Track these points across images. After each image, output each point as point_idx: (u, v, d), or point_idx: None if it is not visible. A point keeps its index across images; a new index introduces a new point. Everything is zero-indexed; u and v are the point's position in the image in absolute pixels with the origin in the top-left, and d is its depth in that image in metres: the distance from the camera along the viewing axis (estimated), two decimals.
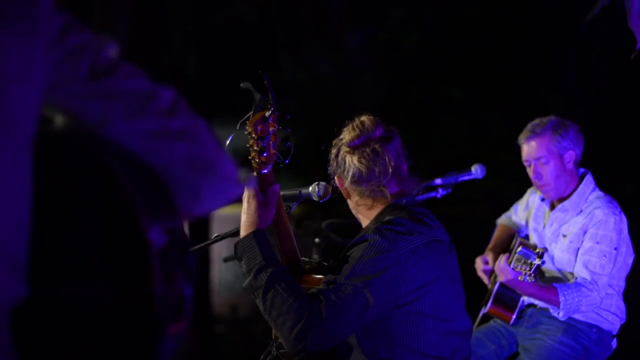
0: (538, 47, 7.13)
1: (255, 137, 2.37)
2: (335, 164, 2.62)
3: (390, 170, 2.53)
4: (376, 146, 2.54)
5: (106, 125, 1.40)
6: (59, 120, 1.42)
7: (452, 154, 6.62)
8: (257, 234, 2.45)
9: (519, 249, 3.31)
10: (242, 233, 2.48)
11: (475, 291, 3.83)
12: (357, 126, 2.58)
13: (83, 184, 1.39)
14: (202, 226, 6.31)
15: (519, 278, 3.28)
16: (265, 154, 2.39)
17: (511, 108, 6.89)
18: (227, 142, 2.38)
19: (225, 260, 3.55)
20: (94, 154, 1.39)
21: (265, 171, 2.45)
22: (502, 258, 3.43)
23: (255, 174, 2.46)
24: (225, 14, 7.66)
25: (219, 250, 6.72)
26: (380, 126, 2.58)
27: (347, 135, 2.57)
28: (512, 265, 3.34)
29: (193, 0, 7.01)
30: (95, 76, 1.38)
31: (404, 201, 2.58)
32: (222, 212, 2.63)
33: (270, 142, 2.39)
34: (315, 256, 3.85)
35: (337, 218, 3.95)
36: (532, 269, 3.28)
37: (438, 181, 3.67)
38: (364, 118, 2.59)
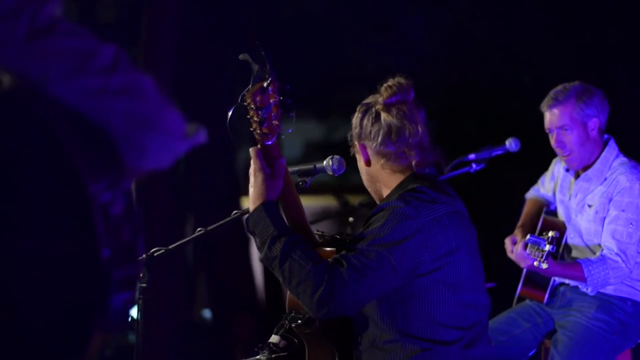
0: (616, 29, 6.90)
1: (255, 108, 2.36)
2: (359, 128, 2.58)
3: (419, 133, 2.52)
4: (410, 107, 2.53)
5: (47, 83, 1.42)
6: (6, 80, 1.45)
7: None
8: (266, 205, 2.44)
9: (528, 237, 3.25)
10: (251, 207, 2.47)
11: (507, 273, 3.77)
12: (394, 85, 2.54)
13: (28, 143, 1.42)
14: None
15: (534, 264, 3.22)
16: (265, 125, 2.38)
17: None
18: (229, 114, 2.38)
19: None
20: (38, 112, 1.42)
21: (269, 143, 2.43)
22: (519, 245, 3.38)
23: (259, 146, 2.45)
24: (291, 9, 7.71)
25: None
26: (413, 90, 2.56)
27: (384, 93, 2.54)
28: (527, 251, 3.29)
29: None
30: (34, 35, 1.41)
31: (426, 170, 2.56)
32: None
33: (272, 114, 2.38)
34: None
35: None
36: (544, 256, 3.20)
37: (472, 156, 3.61)
38: (399, 79, 2.56)
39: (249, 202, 2.49)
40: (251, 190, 2.48)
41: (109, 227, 1.41)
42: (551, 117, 3.49)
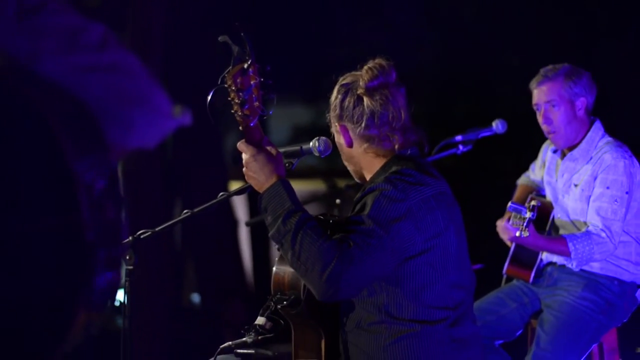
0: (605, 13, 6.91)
1: (235, 90, 2.35)
2: (339, 109, 2.57)
3: (402, 116, 2.52)
4: (392, 90, 2.52)
5: (36, 61, 1.42)
6: None
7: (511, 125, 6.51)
8: (283, 181, 2.43)
9: (509, 205, 3.28)
10: (266, 185, 2.43)
11: (497, 256, 3.79)
12: (375, 68, 2.53)
13: (13, 121, 1.42)
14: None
15: (517, 234, 3.24)
16: (247, 107, 2.36)
17: None
18: (209, 97, 2.37)
19: (248, 224, 3.57)
20: (23, 90, 1.42)
21: (251, 124, 2.42)
22: (504, 218, 3.42)
23: (241, 128, 2.44)
24: None
25: None
26: (394, 71, 2.55)
27: (365, 75, 2.52)
28: (510, 222, 3.31)
29: None
30: (24, 13, 1.41)
31: (409, 152, 2.56)
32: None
33: (253, 95, 2.37)
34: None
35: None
36: (525, 223, 3.22)
37: (458, 138, 3.63)
38: (380, 61, 2.55)
39: (259, 187, 2.45)
40: (256, 175, 2.45)
41: (93, 204, 1.42)
42: (539, 93, 3.53)
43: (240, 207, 6.48)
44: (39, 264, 1.38)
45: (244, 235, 6.56)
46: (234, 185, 5.79)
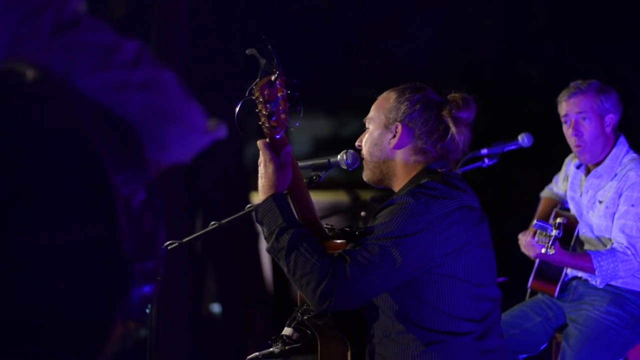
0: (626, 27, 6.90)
1: (263, 101, 2.38)
2: (410, 114, 2.58)
3: (461, 150, 2.61)
4: (469, 128, 2.60)
5: (71, 78, 1.45)
6: (30, 74, 1.47)
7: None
8: (276, 196, 2.47)
9: (534, 222, 3.28)
10: (262, 197, 2.50)
11: (520, 269, 3.79)
12: (470, 102, 2.59)
13: (53, 136, 1.44)
14: None
15: (542, 251, 3.24)
16: (274, 118, 2.40)
17: None
18: (237, 108, 2.40)
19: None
20: (62, 105, 1.45)
21: (278, 136, 2.45)
22: (528, 233, 3.42)
23: (268, 140, 2.47)
24: (299, 4, 7.72)
25: None
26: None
27: (460, 103, 2.58)
28: (535, 239, 3.31)
29: None
30: (59, 29, 1.43)
31: (439, 166, 2.58)
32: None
33: (280, 107, 2.40)
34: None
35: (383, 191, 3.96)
36: (551, 241, 3.22)
37: (484, 151, 3.63)
38: (471, 96, 2.62)
39: (259, 192, 2.52)
40: (261, 181, 2.50)
41: (131, 218, 1.44)
42: (570, 104, 3.53)
43: None
44: (76, 275, 1.40)
45: (264, 245, 6.57)
46: (255, 196, 5.81)
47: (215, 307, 7.00)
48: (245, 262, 6.52)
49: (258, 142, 2.49)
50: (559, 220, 3.24)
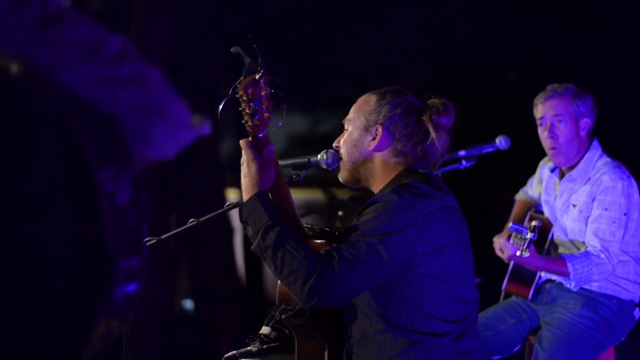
0: (598, 28, 6.95)
1: (246, 100, 2.38)
2: (390, 117, 2.61)
3: (441, 154, 2.65)
4: (448, 133, 2.63)
5: (56, 71, 1.44)
6: (14, 68, 1.46)
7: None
8: (260, 195, 2.47)
9: (509, 224, 3.32)
10: (245, 196, 2.50)
11: (494, 270, 3.82)
12: (450, 108, 2.63)
13: (38, 130, 1.43)
14: None
15: (517, 254, 3.28)
16: (257, 117, 2.40)
17: None
18: (220, 106, 2.40)
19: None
20: (47, 99, 1.44)
21: (261, 135, 2.46)
22: (503, 235, 3.47)
23: (250, 138, 2.47)
24: (278, 2, 7.70)
25: None
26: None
27: (441, 108, 2.61)
28: (511, 242, 3.34)
29: None
30: (45, 23, 1.42)
31: (420, 166, 2.61)
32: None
33: (263, 106, 2.41)
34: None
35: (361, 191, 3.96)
36: (526, 244, 3.27)
37: (462, 153, 3.66)
38: (451, 103, 2.66)
39: (243, 191, 2.51)
40: (244, 180, 2.50)
41: (115, 214, 1.44)
42: (546, 107, 3.57)
43: (237, 215, 6.47)
44: (60, 272, 1.39)
45: (238, 243, 6.55)
46: (231, 193, 5.79)
47: (188, 304, 6.97)
48: (219, 258, 6.50)
49: (241, 141, 2.49)
50: (534, 223, 3.27)
